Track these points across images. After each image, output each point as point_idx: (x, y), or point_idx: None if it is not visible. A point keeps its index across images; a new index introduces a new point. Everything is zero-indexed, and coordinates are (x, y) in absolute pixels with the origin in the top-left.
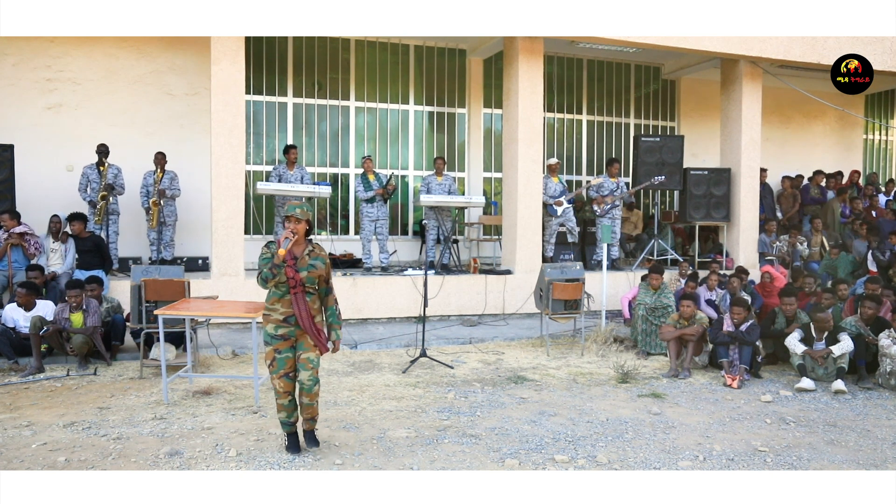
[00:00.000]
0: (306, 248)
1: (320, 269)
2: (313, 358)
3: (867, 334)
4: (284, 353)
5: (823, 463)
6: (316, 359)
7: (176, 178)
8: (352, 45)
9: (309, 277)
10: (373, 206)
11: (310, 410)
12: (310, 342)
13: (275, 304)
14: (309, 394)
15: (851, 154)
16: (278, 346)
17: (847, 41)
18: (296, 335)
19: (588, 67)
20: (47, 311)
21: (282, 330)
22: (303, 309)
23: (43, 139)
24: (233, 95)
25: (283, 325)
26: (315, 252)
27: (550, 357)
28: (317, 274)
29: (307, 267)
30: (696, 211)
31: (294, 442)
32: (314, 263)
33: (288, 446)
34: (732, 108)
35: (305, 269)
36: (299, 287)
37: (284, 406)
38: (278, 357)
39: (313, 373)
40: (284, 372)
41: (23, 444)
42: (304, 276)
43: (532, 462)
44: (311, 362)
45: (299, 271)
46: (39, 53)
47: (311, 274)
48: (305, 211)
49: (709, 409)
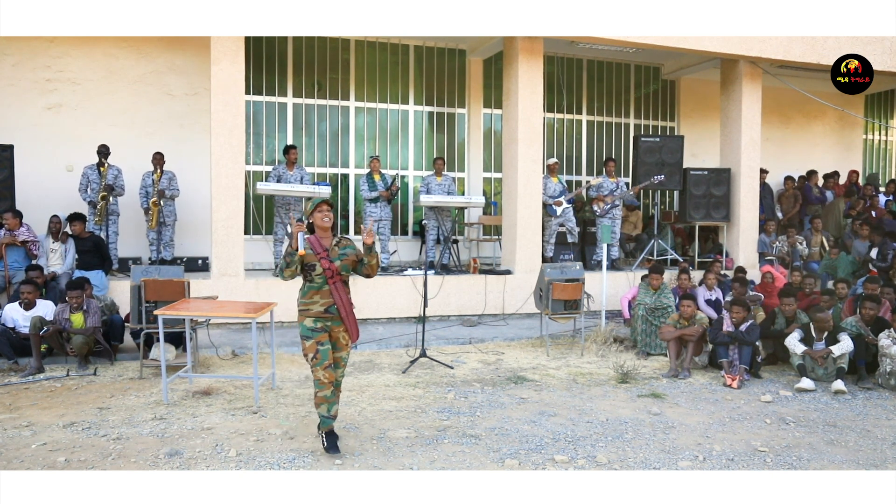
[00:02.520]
0: (334, 241)
1: (351, 256)
2: (345, 356)
3: (867, 334)
4: (326, 345)
5: (823, 463)
6: (346, 356)
7: (174, 177)
8: (352, 45)
9: (343, 265)
10: (376, 206)
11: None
12: (342, 341)
13: (313, 296)
14: (338, 388)
15: (851, 154)
16: (320, 338)
17: (847, 41)
18: (332, 330)
19: (588, 67)
20: (47, 311)
21: (320, 323)
22: (344, 297)
23: (43, 139)
24: (233, 95)
25: (322, 318)
26: (343, 242)
27: (550, 357)
28: (350, 261)
29: (339, 256)
30: (695, 211)
31: (333, 442)
32: (345, 252)
33: (327, 446)
34: (732, 108)
35: (338, 259)
36: (337, 276)
37: (327, 398)
38: (321, 349)
39: (344, 370)
40: (329, 363)
41: (23, 444)
42: (339, 265)
43: (532, 462)
44: (344, 360)
45: (333, 261)
46: (39, 53)
47: (345, 262)
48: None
49: (709, 409)
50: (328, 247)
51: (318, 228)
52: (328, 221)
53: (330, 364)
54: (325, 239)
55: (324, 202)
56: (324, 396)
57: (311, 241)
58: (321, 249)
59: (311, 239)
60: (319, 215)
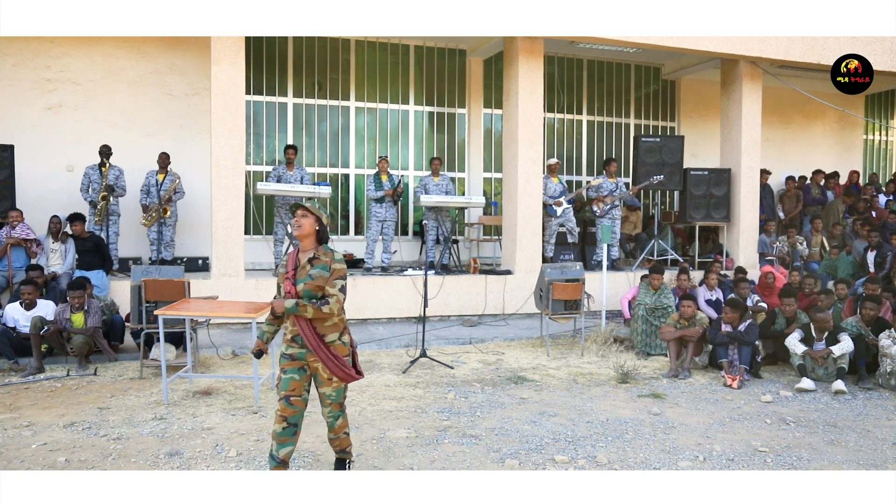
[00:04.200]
0: (310, 255)
1: (319, 280)
2: (329, 392)
3: (867, 335)
4: (290, 374)
5: (824, 463)
6: (334, 393)
7: (179, 179)
8: (352, 46)
9: (306, 290)
10: (381, 207)
11: (336, 444)
12: (323, 374)
13: (285, 321)
14: (332, 429)
15: (851, 154)
16: (285, 365)
17: (847, 41)
18: (307, 360)
19: (588, 68)
20: (48, 311)
21: (290, 350)
22: (304, 327)
23: (43, 139)
24: (233, 96)
25: (291, 345)
26: (319, 259)
27: (550, 357)
28: (314, 285)
29: (305, 278)
30: (696, 211)
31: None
32: (312, 273)
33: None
34: (732, 108)
35: (303, 281)
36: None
37: (277, 434)
38: (283, 377)
39: (333, 408)
40: (286, 394)
41: (23, 444)
42: (301, 288)
43: (532, 462)
44: (328, 397)
45: (297, 283)
46: (39, 54)
47: (309, 286)
48: (318, 208)
49: (709, 409)
50: (302, 263)
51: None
52: (297, 229)
53: (288, 395)
54: (303, 253)
55: (298, 207)
56: (274, 431)
57: (290, 256)
58: (291, 268)
59: (290, 254)
60: (292, 222)
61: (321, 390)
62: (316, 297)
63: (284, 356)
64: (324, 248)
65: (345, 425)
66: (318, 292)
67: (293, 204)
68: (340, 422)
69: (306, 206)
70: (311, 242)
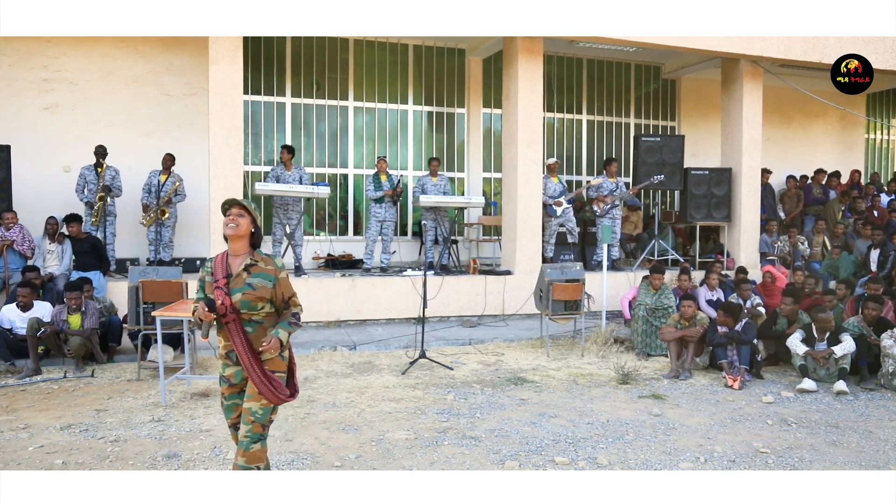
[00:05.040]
0: (245, 261)
1: (262, 290)
2: (256, 409)
3: (869, 335)
4: (230, 400)
5: (825, 464)
6: (260, 410)
7: (181, 182)
8: (350, 45)
9: (244, 301)
10: (381, 207)
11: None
12: (254, 388)
13: (219, 334)
14: (246, 452)
15: (853, 154)
16: (224, 389)
17: (848, 40)
18: (243, 377)
19: (588, 67)
20: (44, 312)
21: (227, 370)
22: (238, 343)
23: (40, 140)
24: (231, 96)
25: (227, 364)
26: (258, 267)
27: (550, 358)
28: (256, 296)
29: (242, 287)
30: (696, 211)
31: None
32: (252, 282)
33: None
34: (733, 107)
35: (240, 291)
36: (231, 315)
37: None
38: (225, 403)
39: (253, 427)
40: (231, 422)
41: (19, 446)
42: (238, 299)
43: (532, 464)
44: (253, 414)
45: (231, 293)
46: (36, 54)
47: (248, 296)
48: (254, 207)
49: (710, 410)
50: (235, 271)
51: (228, 242)
52: (233, 228)
53: (234, 424)
54: (235, 258)
55: (235, 203)
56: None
57: (216, 262)
58: (221, 276)
59: (217, 259)
60: (225, 220)
61: (247, 405)
62: (257, 307)
63: (223, 378)
64: (260, 253)
65: (262, 456)
66: (258, 304)
67: (227, 200)
68: (257, 447)
69: (243, 204)
70: (244, 246)
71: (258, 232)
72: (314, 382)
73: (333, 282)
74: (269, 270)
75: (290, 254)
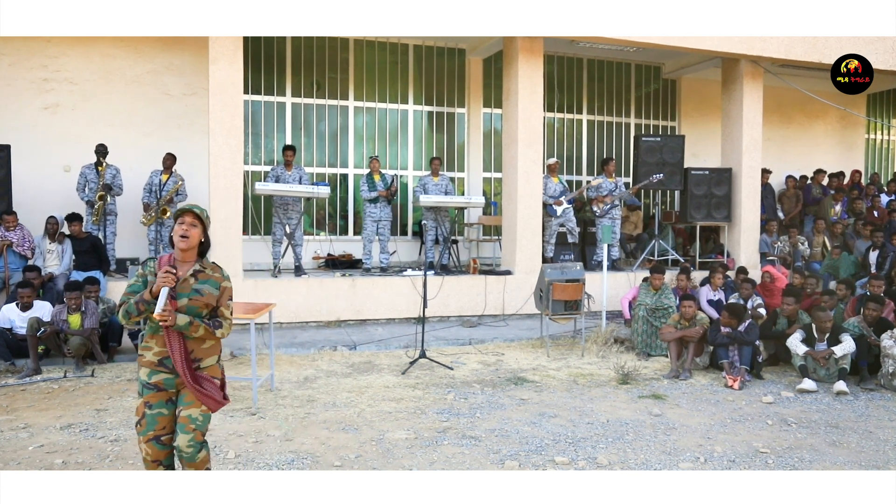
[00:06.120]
0: (193, 268)
1: (208, 297)
2: (196, 416)
3: (869, 335)
4: (157, 409)
5: (825, 464)
6: (201, 417)
7: (182, 182)
8: (350, 45)
9: (190, 307)
10: (376, 207)
11: None
12: (192, 395)
13: (148, 341)
14: (191, 463)
15: (853, 154)
16: (150, 397)
17: (849, 40)
18: (175, 385)
19: (588, 67)
20: (44, 312)
21: (156, 377)
22: (175, 349)
23: (40, 139)
24: (231, 95)
25: (159, 370)
26: (206, 274)
27: (550, 358)
28: (202, 302)
29: (189, 292)
30: (696, 211)
31: None
32: (199, 288)
33: None
34: (733, 107)
35: (187, 296)
36: (173, 318)
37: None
38: (148, 413)
39: (195, 436)
40: (154, 434)
41: (19, 446)
42: (184, 304)
43: (532, 464)
44: (193, 422)
45: (177, 298)
46: (36, 53)
47: (195, 302)
48: (207, 217)
49: (710, 410)
50: (182, 276)
51: (176, 248)
52: (185, 241)
53: (158, 435)
54: (183, 264)
55: (187, 211)
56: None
57: (161, 263)
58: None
59: (163, 260)
60: (178, 229)
61: (185, 412)
62: (200, 315)
63: (148, 386)
64: (207, 261)
65: (207, 460)
66: (204, 310)
67: (181, 208)
68: (203, 454)
69: (197, 213)
70: (192, 254)
71: (207, 241)
72: (314, 382)
73: (333, 282)
74: (215, 277)
75: (290, 253)
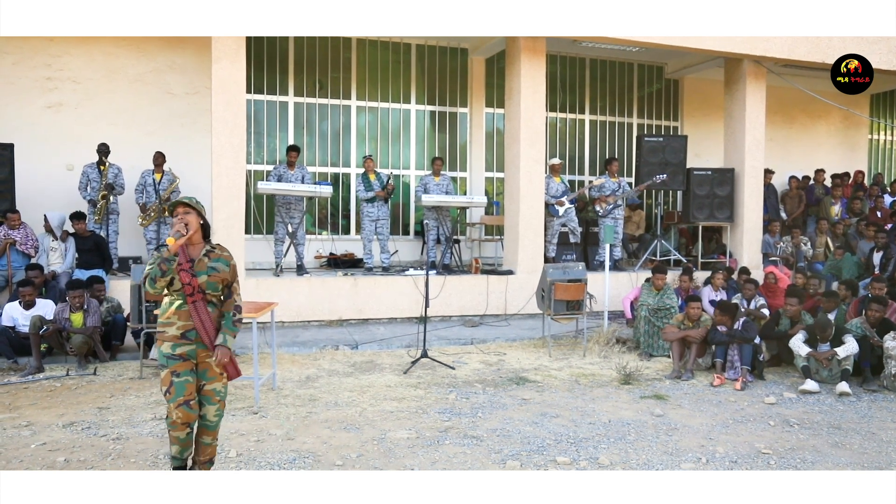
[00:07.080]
0: (204, 249)
1: (223, 273)
2: (220, 389)
3: (872, 336)
4: (184, 377)
5: (827, 465)
6: (223, 389)
7: (178, 180)
8: (353, 45)
9: (210, 282)
10: (373, 206)
11: (209, 451)
12: (215, 369)
13: (171, 316)
14: (212, 432)
15: (856, 154)
16: (176, 367)
17: (852, 41)
18: (197, 357)
19: (591, 67)
20: (47, 310)
21: (180, 349)
22: (205, 320)
23: (43, 138)
24: (233, 94)
25: (183, 343)
26: (216, 253)
27: (552, 358)
28: (219, 278)
29: (206, 270)
30: (699, 211)
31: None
32: (215, 266)
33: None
34: (736, 107)
35: (205, 273)
36: (198, 294)
37: (180, 440)
38: (176, 381)
39: (220, 406)
40: (185, 399)
41: (22, 444)
42: (204, 280)
43: (534, 464)
44: (218, 394)
45: (197, 275)
46: (39, 52)
47: (213, 278)
48: (198, 203)
49: (712, 410)
50: (195, 257)
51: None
52: (185, 227)
53: (187, 400)
54: (193, 246)
55: (177, 204)
56: (177, 437)
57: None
58: (185, 260)
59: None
60: (176, 222)
61: (211, 387)
62: (218, 288)
63: (173, 358)
64: (213, 243)
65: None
66: (221, 284)
67: (173, 202)
68: (220, 423)
69: (187, 203)
70: (199, 238)
71: (206, 223)
72: (316, 381)
73: (335, 281)
74: (225, 256)
75: (293, 253)
